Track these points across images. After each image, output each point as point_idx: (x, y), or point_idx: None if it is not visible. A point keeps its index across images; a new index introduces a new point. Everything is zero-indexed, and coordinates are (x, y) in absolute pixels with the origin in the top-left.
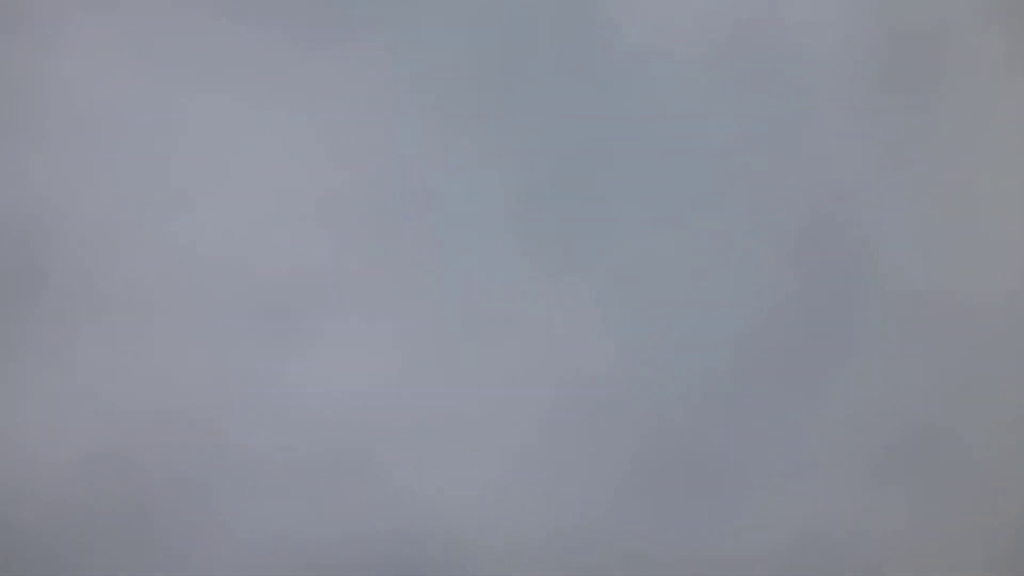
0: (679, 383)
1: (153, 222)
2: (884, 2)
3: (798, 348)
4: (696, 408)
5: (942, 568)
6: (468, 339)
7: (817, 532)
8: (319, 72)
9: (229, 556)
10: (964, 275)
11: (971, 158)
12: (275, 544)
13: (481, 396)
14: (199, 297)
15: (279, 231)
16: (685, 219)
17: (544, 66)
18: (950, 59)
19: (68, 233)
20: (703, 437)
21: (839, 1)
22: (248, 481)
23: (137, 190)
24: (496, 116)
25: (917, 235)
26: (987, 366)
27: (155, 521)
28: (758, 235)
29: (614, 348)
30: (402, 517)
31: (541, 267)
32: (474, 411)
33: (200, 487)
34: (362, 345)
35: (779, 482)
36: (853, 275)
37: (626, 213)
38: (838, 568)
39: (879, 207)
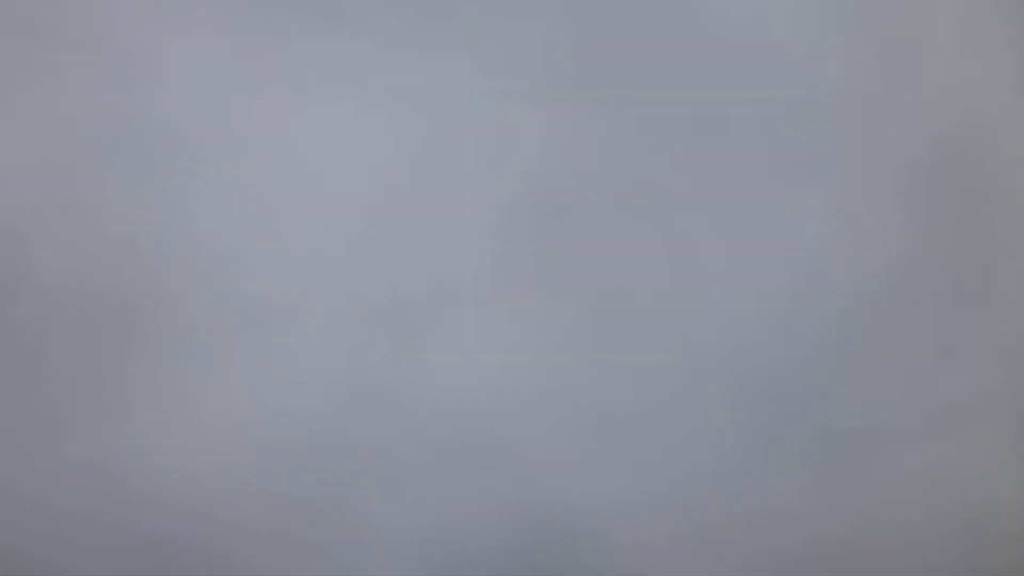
0: (811, 341)
1: (264, 236)
2: None
3: (926, 298)
4: (830, 366)
5: None
6: (601, 329)
7: (958, 494)
8: (415, 76)
9: (373, 552)
10: None
11: None
12: (417, 537)
13: (613, 385)
14: (323, 304)
15: (399, 234)
16: (799, 171)
17: (639, 52)
18: None
19: (184, 254)
20: (834, 398)
21: None
22: (386, 478)
23: (246, 207)
24: (599, 105)
25: None
26: None
27: (299, 520)
28: (875, 180)
29: (736, 317)
30: (540, 502)
31: (662, 248)
32: (611, 400)
33: (340, 486)
34: (493, 340)
35: (914, 440)
36: (982, 211)
37: (742, 174)
38: (987, 528)
39: (1012, 131)
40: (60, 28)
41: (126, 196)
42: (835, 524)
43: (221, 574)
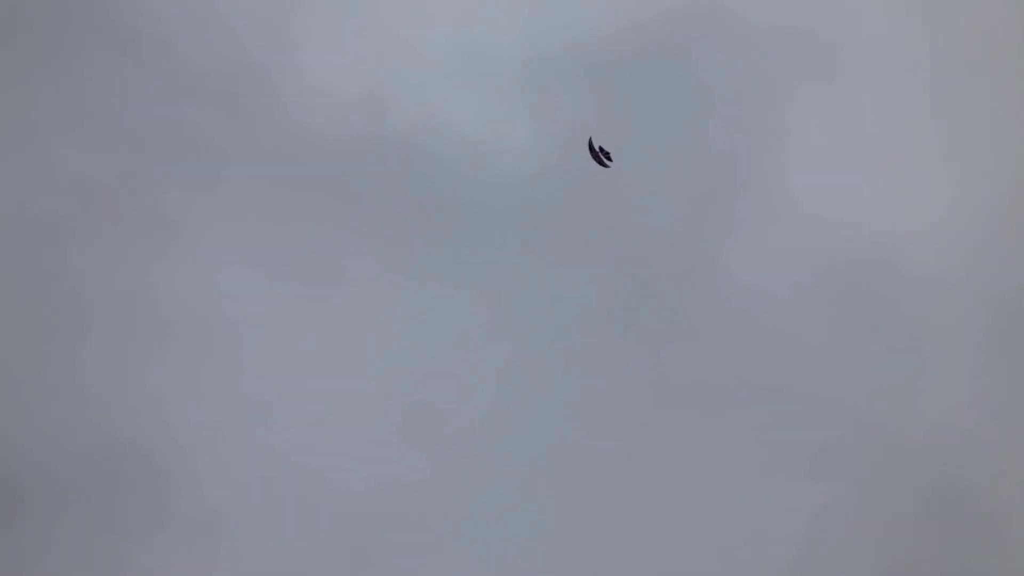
0: None
1: (251, 429)
2: (1003, 257)
3: None
4: None
5: None
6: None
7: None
8: (427, 298)
9: None
10: None
11: None
12: None
13: None
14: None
15: (374, 447)
16: (802, 466)
17: (660, 307)
18: None
19: (178, 438)
20: None
21: (954, 255)
22: None
23: (240, 398)
24: (610, 353)
25: None
26: None
27: None
28: (879, 494)
29: None
30: None
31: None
32: None
33: None
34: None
35: None
36: (977, 544)
37: (745, 461)
38: None
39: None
40: (98, 185)
41: (118, 370)
42: None
43: None
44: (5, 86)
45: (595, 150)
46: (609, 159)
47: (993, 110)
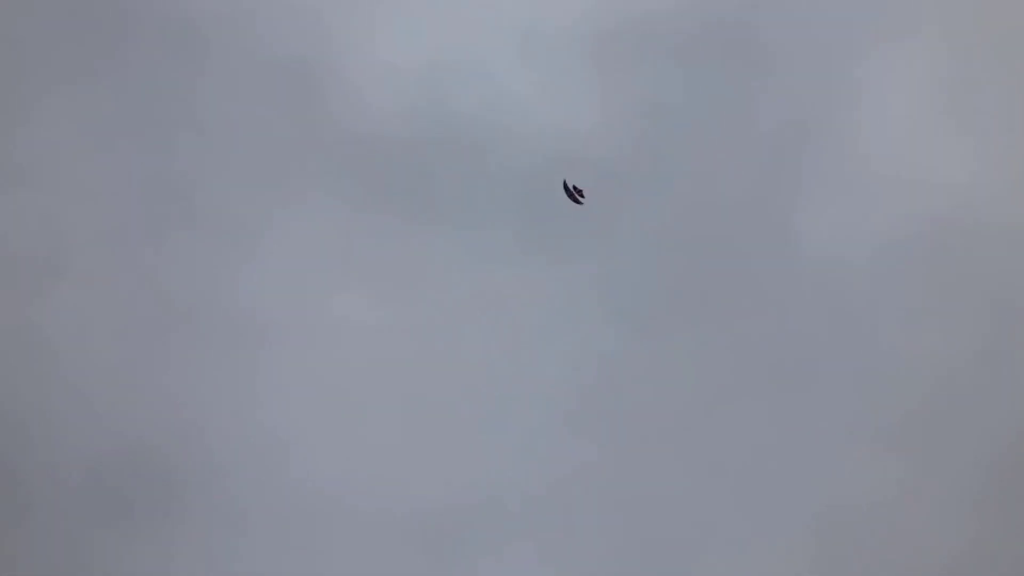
0: None
1: (328, 427)
2: None
3: None
4: None
5: None
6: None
7: None
8: (510, 287)
9: None
10: None
11: None
12: None
13: None
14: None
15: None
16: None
17: (734, 281)
18: None
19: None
20: None
21: None
22: None
23: (328, 392)
24: (683, 332)
25: None
26: None
27: None
28: (947, 463)
29: None
30: None
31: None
32: None
33: None
34: None
35: None
36: None
37: (823, 432)
38: None
39: None
40: (164, 180)
41: (194, 367)
42: None
43: None
44: (75, 89)
45: (568, 190)
46: (582, 196)
47: None
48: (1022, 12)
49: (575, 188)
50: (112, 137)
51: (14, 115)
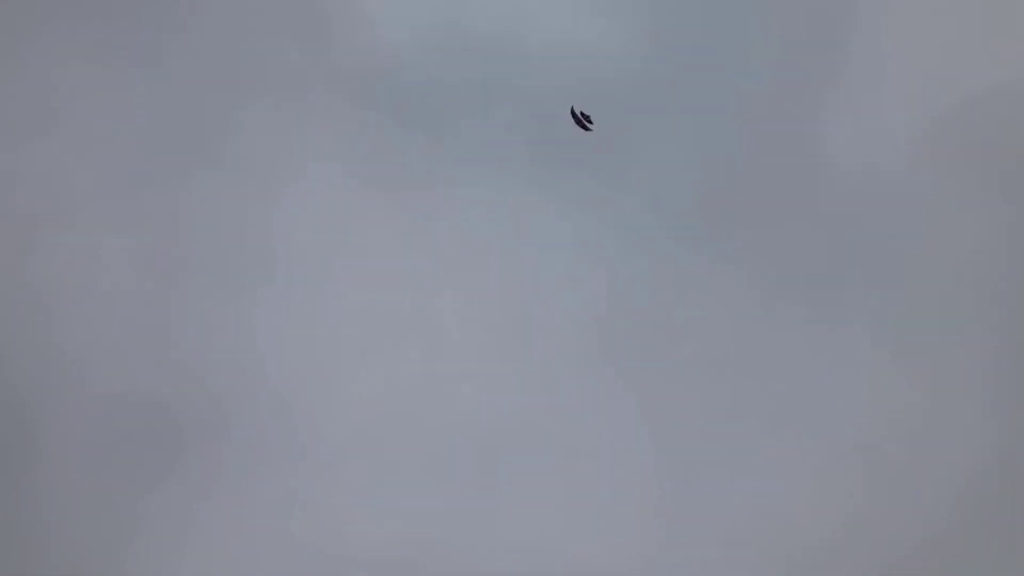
0: None
1: (356, 367)
2: None
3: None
4: None
5: None
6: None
7: None
8: (530, 209)
9: None
10: None
11: None
12: None
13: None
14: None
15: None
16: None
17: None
18: None
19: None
20: None
21: None
22: None
23: (345, 341)
24: (707, 247)
25: None
26: None
27: None
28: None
29: None
30: None
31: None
32: None
33: None
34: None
35: None
36: None
37: (856, 339)
38: None
39: None
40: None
41: (208, 312)
42: None
43: None
44: (94, 26)
45: (577, 116)
46: (590, 122)
47: None
48: None
49: (583, 114)
50: (125, 79)
51: (37, 55)
